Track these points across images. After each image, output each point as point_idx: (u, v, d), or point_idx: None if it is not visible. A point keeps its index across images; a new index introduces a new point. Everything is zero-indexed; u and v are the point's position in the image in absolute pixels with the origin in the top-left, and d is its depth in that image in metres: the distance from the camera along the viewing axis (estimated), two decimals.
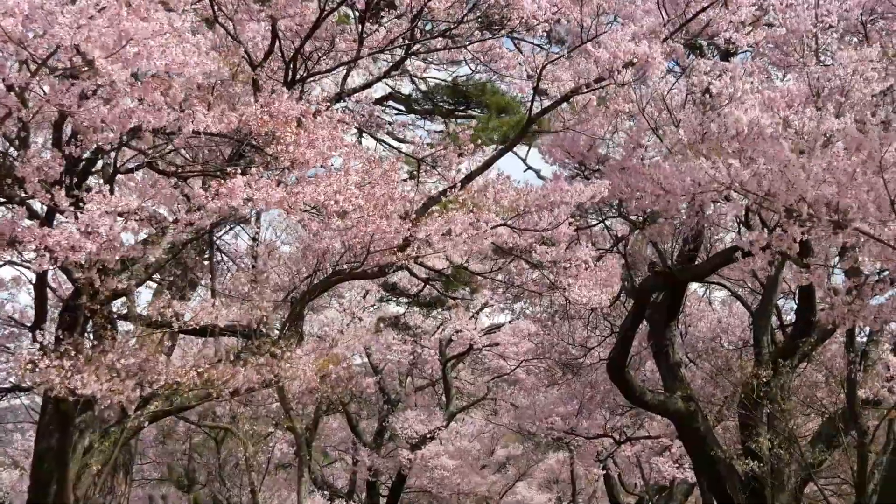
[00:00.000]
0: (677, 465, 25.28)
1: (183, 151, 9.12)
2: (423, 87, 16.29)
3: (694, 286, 23.78)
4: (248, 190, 7.48)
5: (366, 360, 28.88)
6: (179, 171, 8.65)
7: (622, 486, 31.29)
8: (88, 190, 8.19)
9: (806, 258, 13.95)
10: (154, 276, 13.41)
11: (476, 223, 10.45)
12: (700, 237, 17.35)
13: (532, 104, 11.81)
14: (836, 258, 11.45)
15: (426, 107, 17.19)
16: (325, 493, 26.89)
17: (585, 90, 11.07)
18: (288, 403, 18.17)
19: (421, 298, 25.25)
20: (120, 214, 8.16)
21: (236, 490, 26.02)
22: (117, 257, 7.78)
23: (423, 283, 21.62)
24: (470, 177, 11.32)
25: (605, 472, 29.28)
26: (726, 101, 9.66)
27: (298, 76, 10.51)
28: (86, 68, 6.69)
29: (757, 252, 9.07)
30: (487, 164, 11.81)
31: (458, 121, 16.33)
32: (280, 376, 9.74)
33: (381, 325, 25.98)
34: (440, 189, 11.41)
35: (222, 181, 7.41)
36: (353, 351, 24.50)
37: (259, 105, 7.78)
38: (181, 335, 16.84)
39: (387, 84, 17.32)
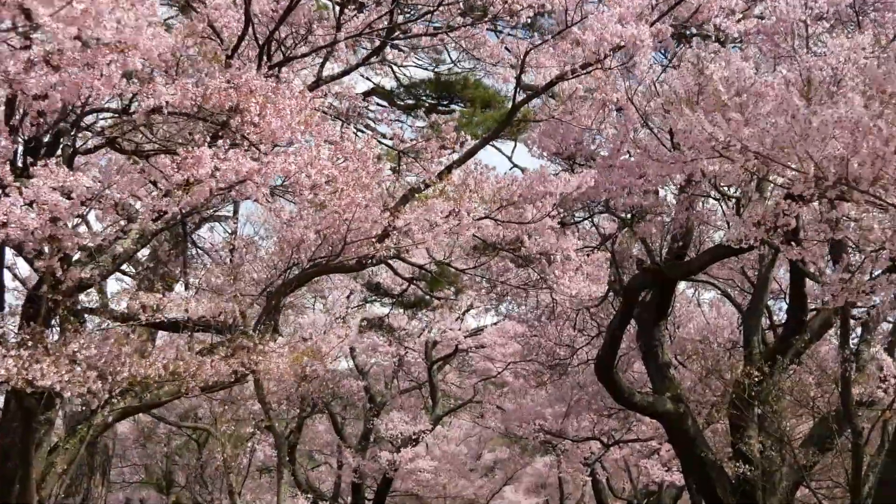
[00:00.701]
0: (666, 468, 24.94)
1: (147, 132, 8.69)
2: (405, 79, 15.94)
3: (682, 286, 23.55)
4: (216, 161, 7.06)
5: (351, 362, 28.58)
6: (139, 148, 8.22)
7: (610, 490, 31.00)
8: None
9: (796, 241, 13.70)
10: (122, 267, 13.03)
11: (457, 213, 10.09)
12: (689, 235, 17.02)
13: (516, 91, 11.46)
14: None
15: (409, 101, 16.84)
16: (310, 496, 26.45)
17: (571, 76, 10.71)
18: (267, 402, 17.77)
19: (405, 299, 24.89)
20: (82, 203, 7.78)
21: (217, 493, 25.60)
22: (75, 242, 7.37)
23: (407, 283, 21.29)
24: (451, 167, 10.95)
25: (592, 476, 28.99)
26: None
27: (273, 62, 10.12)
28: (31, 29, 6.25)
29: (751, 231, 8.59)
30: (470, 153, 11.44)
31: (442, 116, 15.96)
32: (252, 369, 9.34)
33: (364, 324, 25.62)
34: (422, 181, 11.02)
35: (188, 150, 6.98)
36: (337, 352, 24.17)
37: (224, 79, 7.37)
38: (161, 333, 16.53)
39: (369, 80, 17.01)
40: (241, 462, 21.57)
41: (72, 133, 7.80)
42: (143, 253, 16.96)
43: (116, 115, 7.97)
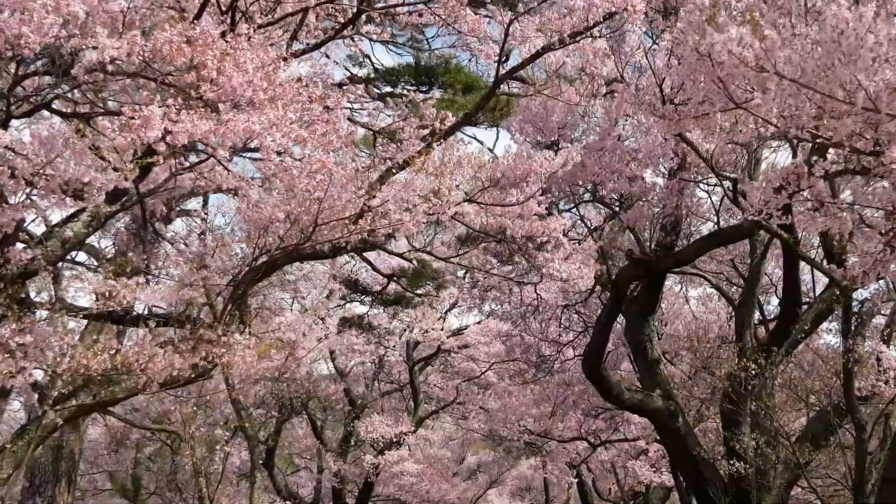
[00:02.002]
0: (654, 468, 24.33)
1: (90, 94, 7.90)
2: (381, 58, 15.25)
3: (670, 282, 22.98)
4: (167, 122, 6.27)
5: (330, 364, 27.88)
6: (79, 109, 7.44)
7: (596, 492, 30.40)
8: None
9: (793, 236, 13.09)
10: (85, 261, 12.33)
11: (437, 191, 9.36)
12: (678, 225, 16.42)
13: (499, 63, 10.74)
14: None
15: (387, 89, 16.15)
16: (289, 502, 25.73)
17: (559, 46, 10.00)
18: (238, 402, 17.01)
19: (385, 297, 24.20)
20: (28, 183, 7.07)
21: (191, 499, 24.79)
22: (11, 219, 6.62)
23: (387, 280, 20.61)
24: (430, 142, 10.21)
25: (578, 478, 28.43)
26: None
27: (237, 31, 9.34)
28: None
29: (769, 195, 7.69)
30: (452, 130, 10.72)
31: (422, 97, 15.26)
32: (215, 363, 8.59)
33: (344, 323, 24.94)
34: (401, 160, 10.27)
35: (135, 110, 6.20)
36: (316, 353, 23.52)
37: (176, 32, 6.57)
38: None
39: (346, 69, 16.37)
40: (216, 467, 20.77)
41: (7, 97, 7.04)
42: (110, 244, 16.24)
43: (58, 80, 7.21)
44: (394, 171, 9.92)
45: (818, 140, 6.72)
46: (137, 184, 8.87)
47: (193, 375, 8.75)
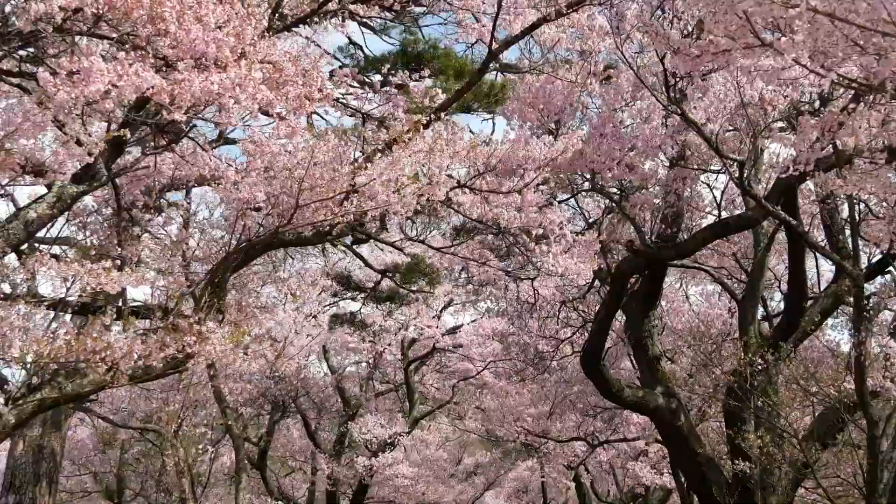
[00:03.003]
0: (654, 469, 23.82)
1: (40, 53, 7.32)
2: (373, 48, 14.76)
3: (670, 279, 22.47)
4: (111, 76, 5.68)
5: (324, 364, 27.40)
6: (23, 69, 6.86)
7: (594, 493, 29.91)
8: None
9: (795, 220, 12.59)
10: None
11: (427, 171, 8.81)
12: (680, 217, 15.90)
13: (492, 38, 10.21)
14: None
15: (376, 78, 15.70)
16: None
17: (555, 17, 9.46)
18: (223, 399, 16.46)
19: (378, 293, 23.72)
20: None
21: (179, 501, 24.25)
22: None
23: (380, 275, 20.16)
24: (419, 119, 9.65)
25: (576, 479, 27.97)
26: None
27: None
28: None
29: (800, 149, 6.95)
30: (442, 108, 10.20)
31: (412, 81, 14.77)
32: (188, 353, 8.03)
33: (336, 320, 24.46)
34: (390, 138, 9.71)
35: (73, 60, 5.60)
36: (307, 350, 23.04)
37: None
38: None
39: (335, 58, 15.95)
40: (204, 467, 20.24)
41: None
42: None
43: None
44: (379, 147, 9.38)
45: (855, 85, 6.00)
46: (109, 163, 8.33)
47: (165, 368, 8.21)
